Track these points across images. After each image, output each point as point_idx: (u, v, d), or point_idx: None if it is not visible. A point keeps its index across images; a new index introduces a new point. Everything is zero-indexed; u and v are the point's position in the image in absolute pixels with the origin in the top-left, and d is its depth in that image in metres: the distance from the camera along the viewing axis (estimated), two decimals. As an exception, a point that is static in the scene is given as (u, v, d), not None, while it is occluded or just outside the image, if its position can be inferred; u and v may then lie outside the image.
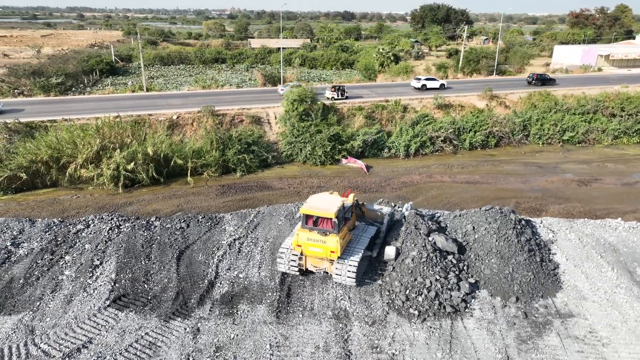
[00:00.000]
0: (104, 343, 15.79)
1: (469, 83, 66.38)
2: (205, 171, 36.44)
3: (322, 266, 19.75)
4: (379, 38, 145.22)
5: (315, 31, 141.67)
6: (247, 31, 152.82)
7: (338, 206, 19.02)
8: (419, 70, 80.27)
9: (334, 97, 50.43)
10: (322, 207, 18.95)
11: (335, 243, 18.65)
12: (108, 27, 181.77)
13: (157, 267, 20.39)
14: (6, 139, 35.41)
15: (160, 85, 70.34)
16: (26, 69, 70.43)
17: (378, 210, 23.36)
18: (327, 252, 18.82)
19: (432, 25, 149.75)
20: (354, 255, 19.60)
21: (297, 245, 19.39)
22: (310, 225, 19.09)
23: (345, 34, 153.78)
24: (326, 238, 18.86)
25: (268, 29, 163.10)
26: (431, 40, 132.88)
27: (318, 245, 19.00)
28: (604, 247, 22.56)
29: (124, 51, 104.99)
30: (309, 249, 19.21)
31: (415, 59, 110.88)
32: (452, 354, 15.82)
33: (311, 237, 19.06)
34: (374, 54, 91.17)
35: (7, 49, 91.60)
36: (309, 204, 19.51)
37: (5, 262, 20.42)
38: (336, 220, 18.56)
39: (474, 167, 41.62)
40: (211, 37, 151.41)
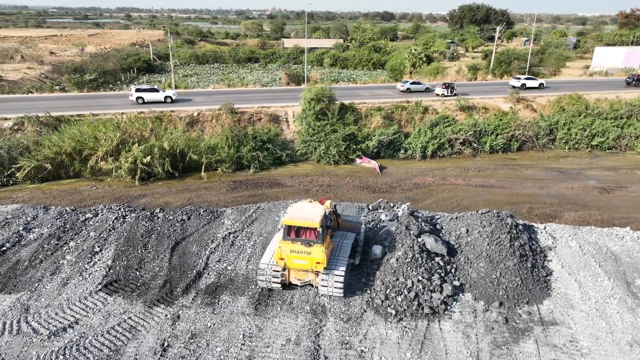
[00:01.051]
0: (89, 324, 16.77)
1: (497, 85, 64.84)
2: (219, 167, 37.48)
3: (306, 279, 18.93)
4: (415, 39, 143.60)
5: (350, 31, 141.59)
6: (283, 31, 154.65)
7: (321, 215, 18.33)
8: (450, 72, 79.12)
9: (444, 93, 53.84)
10: (305, 217, 18.17)
11: (321, 253, 17.89)
12: (151, 27, 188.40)
13: (151, 256, 21.34)
14: (37, 131, 37.69)
15: (192, 83, 72.61)
16: (68, 66, 74.44)
17: (354, 221, 22.11)
18: (313, 263, 18.04)
19: (470, 26, 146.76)
20: (339, 265, 18.75)
21: (280, 258, 18.36)
22: (293, 237, 18.25)
23: (381, 34, 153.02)
24: (311, 249, 18.06)
25: (304, 29, 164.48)
26: (468, 41, 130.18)
27: (302, 257, 18.11)
28: (605, 256, 21.72)
29: (162, 50, 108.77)
30: (292, 262, 18.28)
31: (449, 60, 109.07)
32: (422, 354, 15.79)
33: (294, 248, 18.16)
34: (405, 54, 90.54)
35: (54, 48, 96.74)
36: (290, 214, 18.59)
37: (15, 245, 21.93)
38: (320, 230, 17.92)
39: (491, 170, 40.78)
40: (248, 37, 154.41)
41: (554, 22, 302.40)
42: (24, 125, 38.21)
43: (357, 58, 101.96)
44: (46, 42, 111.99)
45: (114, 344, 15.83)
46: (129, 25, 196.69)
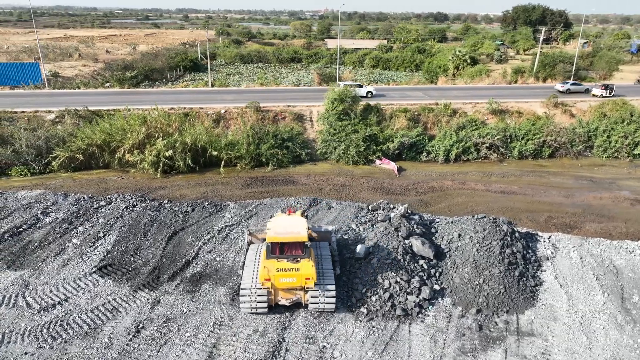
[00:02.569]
0: (76, 303, 18.07)
1: (538, 89, 62.30)
2: (238, 163, 38.60)
3: (294, 297, 17.53)
4: (464, 40, 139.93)
5: (394, 32, 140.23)
6: (330, 32, 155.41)
7: (306, 227, 17.44)
8: (494, 75, 76.73)
9: (603, 94, 54.63)
10: (290, 232, 17.11)
11: (310, 268, 16.81)
12: (205, 27, 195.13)
13: (149, 243, 22.55)
14: (75, 124, 40.43)
15: (233, 82, 74.71)
16: (119, 64, 78.84)
17: (323, 231, 20.80)
18: (302, 280, 16.86)
19: (523, 27, 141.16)
20: (327, 277, 17.77)
21: (266, 279, 16.94)
22: (278, 254, 17.09)
23: (429, 35, 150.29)
24: (299, 264, 16.94)
25: (351, 29, 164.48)
26: (519, 43, 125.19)
27: (290, 274, 16.86)
28: (606, 269, 20.59)
29: (210, 49, 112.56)
30: (280, 281, 16.95)
31: (496, 63, 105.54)
32: (383, 355, 15.78)
33: (281, 266, 16.92)
34: (449, 56, 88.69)
35: (110, 47, 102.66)
36: (274, 230, 17.34)
37: (31, 227, 23.86)
38: (308, 244, 17.05)
39: (515, 177, 39.43)
40: (296, 38, 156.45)
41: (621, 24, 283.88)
42: (64, 118, 41.08)
43: (400, 59, 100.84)
44: (105, 41, 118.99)
45: (94, 322, 17.00)
46: (184, 25, 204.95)
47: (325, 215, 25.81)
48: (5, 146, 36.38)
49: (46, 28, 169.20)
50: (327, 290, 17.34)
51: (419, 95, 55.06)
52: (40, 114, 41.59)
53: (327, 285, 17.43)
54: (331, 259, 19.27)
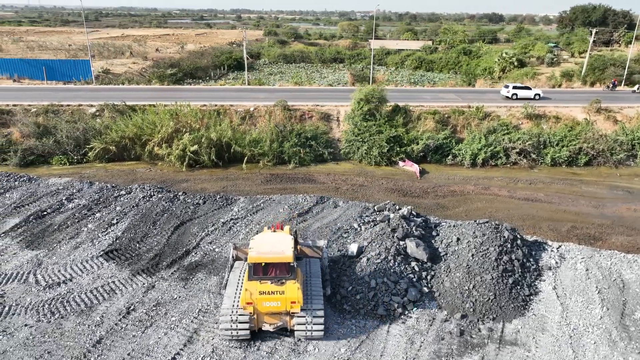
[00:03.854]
0: (79, 283, 19.39)
1: (584, 94, 59.27)
2: (261, 160, 39.54)
3: (279, 322, 16.11)
4: (514, 42, 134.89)
5: (440, 33, 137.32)
6: (375, 32, 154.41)
7: (292, 246, 16.05)
8: (541, 79, 73.78)
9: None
10: (274, 251, 15.71)
11: (296, 291, 15.53)
12: (255, 27, 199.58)
13: (156, 232, 23.71)
14: (112, 117, 42.88)
15: (273, 81, 76.21)
16: (166, 62, 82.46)
17: (312, 245, 19.70)
18: (287, 304, 15.56)
19: (580, 29, 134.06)
20: (315, 300, 16.37)
21: (247, 303, 15.58)
22: (260, 275, 15.74)
23: (479, 36, 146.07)
24: (284, 287, 15.63)
25: (398, 30, 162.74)
26: (574, 46, 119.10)
27: (274, 297, 15.55)
28: (612, 283, 19.52)
29: (255, 49, 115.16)
30: (263, 305, 15.60)
31: (547, 66, 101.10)
32: (356, 352, 15.86)
33: (264, 289, 15.56)
34: (496, 58, 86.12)
35: (161, 45, 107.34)
36: (256, 249, 15.91)
37: (55, 212, 25.72)
38: (294, 264, 15.73)
39: (544, 184, 37.94)
40: (343, 38, 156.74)
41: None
42: (103, 111, 43.67)
43: (444, 61, 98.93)
44: (158, 40, 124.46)
45: (90, 302, 18.20)
46: (235, 25, 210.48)
47: (330, 214, 26.05)
48: (48, 136, 39.22)
49: (108, 28, 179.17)
50: (315, 317, 15.86)
51: (452, 97, 53.93)
52: (83, 108, 44.40)
53: (315, 309, 15.98)
54: (322, 277, 18.30)
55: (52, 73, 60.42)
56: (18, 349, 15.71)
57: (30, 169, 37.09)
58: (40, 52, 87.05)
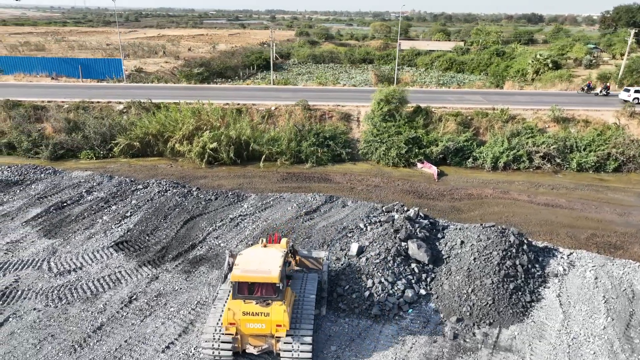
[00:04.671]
0: (88, 271, 20.25)
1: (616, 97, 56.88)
2: (278, 158, 39.99)
3: (264, 345, 15.08)
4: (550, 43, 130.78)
5: (472, 34, 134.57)
6: (407, 33, 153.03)
7: (280, 264, 14.69)
8: (576, 82, 71.36)
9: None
10: (260, 270, 14.49)
11: (282, 314, 14.41)
12: (288, 28, 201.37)
13: (166, 225, 24.44)
14: (138, 114, 44.32)
15: (301, 81, 76.78)
16: (197, 61, 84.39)
17: (313, 257, 18.74)
18: (272, 326, 14.50)
19: (623, 29, 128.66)
20: (304, 323, 15.14)
21: (230, 323, 14.64)
22: (245, 294, 14.61)
23: (515, 37, 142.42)
24: (269, 308, 14.51)
25: (431, 31, 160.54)
26: (616, 47, 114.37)
27: (259, 319, 14.53)
28: (621, 292, 18.78)
29: (285, 49, 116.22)
30: (246, 326, 14.61)
31: (585, 68, 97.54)
32: (345, 350, 15.92)
33: (248, 310, 14.52)
34: (529, 59, 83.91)
35: (194, 45, 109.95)
36: (241, 266, 14.73)
37: (74, 203, 26.89)
38: (280, 285, 14.41)
39: (567, 190, 36.78)
40: (375, 38, 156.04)
41: None
42: (130, 109, 45.21)
43: (475, 62, 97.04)
44: (192, 40, 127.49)
45: (96, 290, 18.98)
46: (268, 26, 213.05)
47: (337, 213, 26.14)
48: (77, 132, 40.96)
49: (146, 28, 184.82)
50: (302, 343, 14.65)
51: (477, 99, 52.92)
52: (111, 105, 46.10)
53: (303, 334, 14.80)
54: (318, 294, 17.29)
55: (87, 71, 62.99)
56: (25, 331, 16.58)
57: (60, 162, 38.83)
58: (80, 52, 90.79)
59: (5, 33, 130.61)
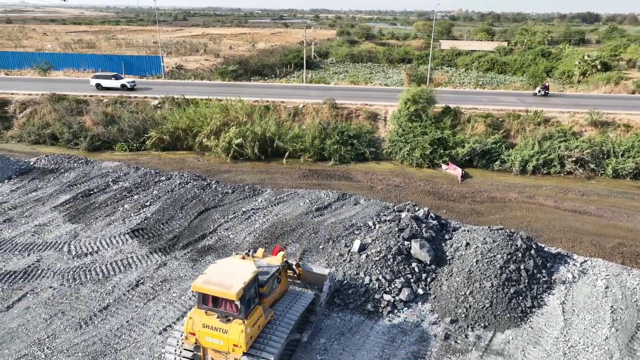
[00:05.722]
0: (103, 255, 21.47)
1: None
2: (302, 156, 40.51)
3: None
4: (602, 43, 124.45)
5: (516, 34, 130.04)
6: (450, 33, 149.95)
7: (245, 281, 13.48)
8: (627, 85, 67.92)
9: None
10: (222, 284, 13.45)
11: (239, 334, 13.34)
12: (330, 27, 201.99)
13: (181, 216, 25.43)
14: (171, 109, 46.06)
15: (337, 80, 77.09)
16: (236, 59, 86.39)
17: (317, 274, 17.81)
18: (229, 345, 13.53)
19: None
20: (269, 348, 13.91)
21: (190, 333, 13.94)
22: (210, 306, 13.78)
23: (564, 37, 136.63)
24: (228, 325, 13.52)
25: (476, 30, 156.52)
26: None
27: (217, 335, 13.60)
28: (631, 304, 17.93)
29: (324, 48, 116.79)
30: (205, 340, 13.82)
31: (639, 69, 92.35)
32: (334, 343, 16.13)
33: (208, 322, 13.72)
34: (576, 60, 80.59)
35: (235, 43, 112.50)
36: (206, 276, 13.91)
37: (100, 192, 28.45)
38: (239, 304, 13.32)
39: (599, 197, 35.26)
40: (417, 38, 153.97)
41: None
42: (164, 104, 47.05)
43: (519, 63, 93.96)
44: (234, 39, 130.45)
45: (108, 272, 20.11)
46: (311, 25, 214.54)
47: (348, 211, 26.29)
48: (113, 125, 43.11)
49: (192, 27, 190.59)
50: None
51: (512, 100, 51.40)
52: (147, 100, 48.13)
53: (265, 357, 13.62)
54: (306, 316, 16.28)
55: (129, 68, 65.91)
56: (39, 306, 17.86)
57: (97, 153, 41.02)
58: (126, 49, 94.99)
59: (62, 31, 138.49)
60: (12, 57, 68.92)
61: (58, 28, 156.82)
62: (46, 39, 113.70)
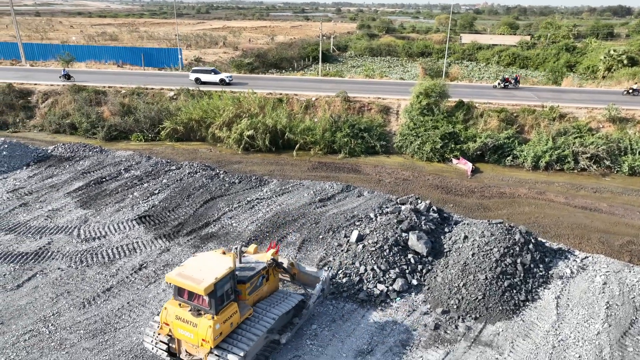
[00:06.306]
0: (110, 239, 22.28)
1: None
2: (312, 148, 40.83)
3: (196, 355, 14.15)
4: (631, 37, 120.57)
5: (540, 27, 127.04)
6: (472, 26, 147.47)
7: (217, 277, 13.30)
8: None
9: None
10: (194, 277, 13.39)
11: (206, 330, 13.23)
12: (351, 20, 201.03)
13: (187, 204, 26.11)
14: (186, 101, 46.91)
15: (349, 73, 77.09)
16: (254, 52, 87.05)
17: (312, 274, 17.66)
18: (198, 339, 13.48)
19: None
20: (240, 345, 13.73)
21: (165, 323, 14.06)
22: (185, 298, 13.80)
23: (591, 31, 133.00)
24: (198, 319, 13.46)
25: (499, 24, 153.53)
26: None
27: (188, 328, 13.62)
28: (628, 300, 17.74)
29: (343, 41, 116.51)
30: (178, 331, 13.91)
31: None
32: (324, 329, 16.49)
33: (181, 315, 13.76)
34: (602, 55, 78.56)
35: (254, 36, 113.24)
36: (182, 268, 13.94)
37: (112, 179, 29.37)
38: (207, 298, 13.21)
39: (612, 194, 34.64)
40: (439, 31, 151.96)
41: None
42: (180, 95, 47.93)
43: (541, 57, 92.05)
44: (254, 32, 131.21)
45: (113, 256, 20.90)
46: (331, 18, 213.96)
47: (351, 202, 26.55)
48: (129, 115, 44.19)
49: (214, 20, 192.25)
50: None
51: (528, 95, 50.61)
52: (163, 91, 49.09)
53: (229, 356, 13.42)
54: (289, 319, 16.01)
55: (149, 60, 67.21)
56: (47, 286, 18.73)
57: (113, 143, 42.16)
58: (148, 42, 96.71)
59: (88, 24, 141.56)
60: (37, 48, 70.98)
61: (84, 21, 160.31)
62: (72, 31, 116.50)
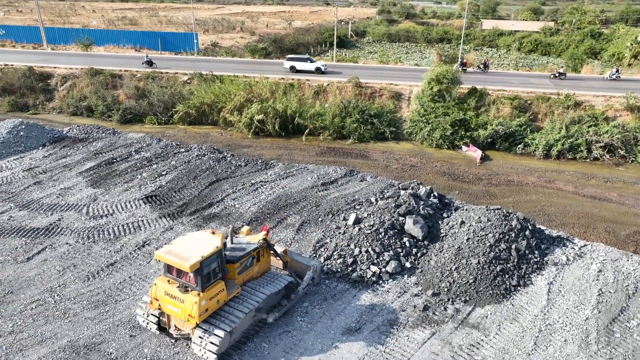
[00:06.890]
0: (117, 217, 23.11)
1: None
2: (322, 133, 41.06)
3: (185, 330, 14.81)
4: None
5: (565, 13, 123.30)
6: (495, 12, 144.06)
7: (204, 255, 13.80)
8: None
9: None
10: (181, 255, 13.96)
11: (192, 306, 13.80)
12: (372, 5, 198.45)
13: (193, 185, 26.77)
14: (199, 85, 47.53)
15: (364, 59, 76.68)
16: (271, 37, 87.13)
17: (304, 262, 17.86)
18: (185, 314, 14.09)
19: None
20: (224, 323, 14.27)
21: (155, 298, 14.68)
22: (174, 275, 14.40)
23: (621, 17, 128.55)
24: (185, 296, 14.00)
25: (523, 9, 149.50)
26: None
27: (175, 304, 14.21)
28: (621, 287, 17.70)
29: (362, 27, 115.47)
30: (167, 307, 14.52)
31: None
32: (316, 307, 16.95)
33: (169, 291, 14.32)
34: (628, 42, 76.23)
35: (271, 21, 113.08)
36: (171, 246, 14.54)
37: (123, 160, 30.25)
38: (192, 275, 13.77)
39: (624, 184, 34.13)
40: (461, 17, 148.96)
41: None
42: (193, 79, 48.57)
43: (565, 44, 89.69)
44: (273, 17, 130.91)
45: (119, 233, 21.72)
46: (351, 3, 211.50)
47: (353, 187, 26.81)
48: (144, 99, 45.07)
49: (233, 4, 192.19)
50: (209, 343, 14.00)
51: (545, 83, 49.66)
52: (178, 75, 49.81)
53: (215, 332, 14.02)
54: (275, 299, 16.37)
55: (166, 44, 68.04)
56: (55, 259, 19.66)
57: (127, 125, 43.15)
58: (166, 26, 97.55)
59: (109, 9, 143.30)
60: (58, 32, 72.48)
61: (106, 5, 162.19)
62: (93, 15, 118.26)
